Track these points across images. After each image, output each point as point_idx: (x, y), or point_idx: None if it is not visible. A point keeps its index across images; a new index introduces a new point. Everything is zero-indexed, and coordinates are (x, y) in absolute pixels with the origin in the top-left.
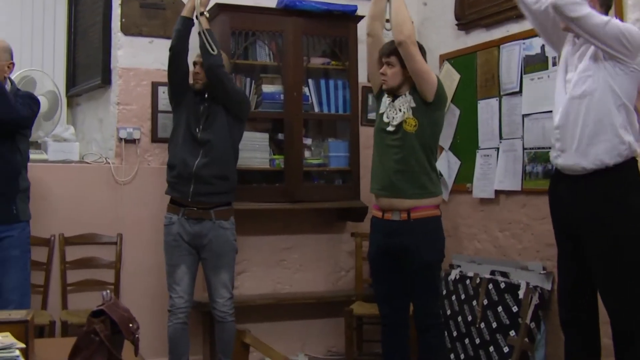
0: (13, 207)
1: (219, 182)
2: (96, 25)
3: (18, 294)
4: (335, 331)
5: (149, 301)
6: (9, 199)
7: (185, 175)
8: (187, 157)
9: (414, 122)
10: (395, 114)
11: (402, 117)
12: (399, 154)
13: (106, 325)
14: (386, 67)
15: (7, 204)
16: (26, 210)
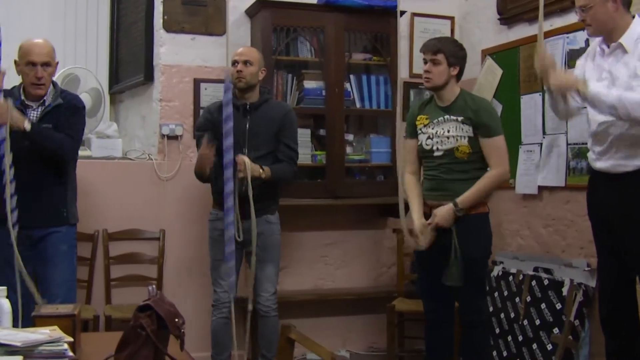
0: (64, 210)
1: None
2: (138, 23)
3: (64, 288)
4: (376, 327)
5: (191, 296)
6: (58, 202)
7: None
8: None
9: (468, 149)
10: (445, 138)
11: (454, 144)
12: (447, 173)
13: (152, 320)
14: (431, 64)
15: (58, 206)
16: (75, 213)
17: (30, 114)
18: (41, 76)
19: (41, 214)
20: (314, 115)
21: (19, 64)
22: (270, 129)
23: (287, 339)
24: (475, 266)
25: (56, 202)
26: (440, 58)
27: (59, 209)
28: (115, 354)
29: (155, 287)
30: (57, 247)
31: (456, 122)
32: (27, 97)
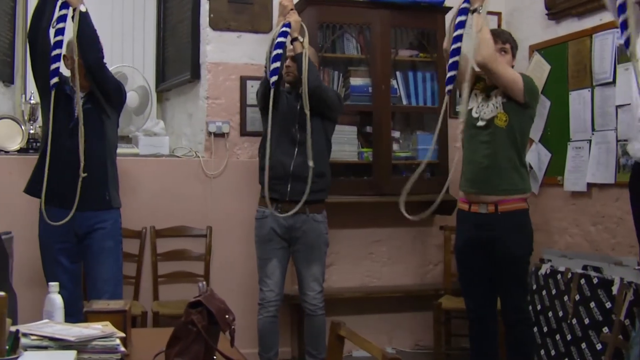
0: (106, 193)
1: (316, 179)
2: (185, 21)
3: (111, 284)
4: (423, 325)
5: (238, 293)
6: (100, 185)
7: (283, 175)
8: (283, 157)
9: (505, 117)
10: (487, 108)
11: (494, 112)
12: (488, 149)
13: (203, 316)
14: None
15: (100, 189)
16: (117, 197)
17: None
18: None
19: (83, 196)
20: (360, 113)
21: (68, 58)
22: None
23: (336, 336)
24: (517, 264)
25: (98, 185)
26: (508, 48)
27: (101, 192)
28: (166, 350)
29: (206, 284)
30: (103, 244)
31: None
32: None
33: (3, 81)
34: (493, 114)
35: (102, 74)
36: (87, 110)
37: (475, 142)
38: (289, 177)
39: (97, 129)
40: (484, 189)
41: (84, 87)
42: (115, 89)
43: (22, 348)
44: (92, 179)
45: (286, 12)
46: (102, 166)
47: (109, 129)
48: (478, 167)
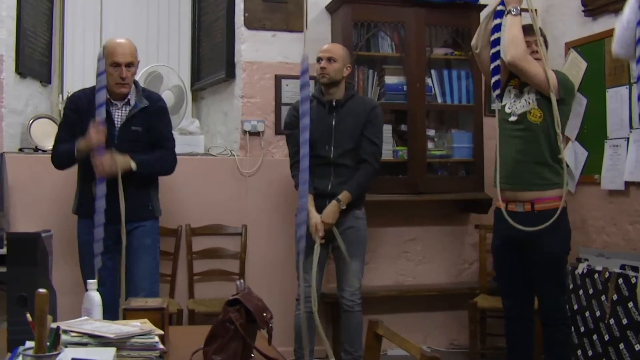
0: (150, 204)
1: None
2: (220, 21)
3: (148, 282)
4: (458, 324)
5: (273, 291)
6: (144, 197)
7: (320, 195)
8: (319, 181)
9: (539, 113)
10: (520, 103)
11: (527, 107)
12: (521, 144)
13: (241, 314)
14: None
15: (144, 201)
16: (159, 206)
17: (115, 113)
18: (125, 76)
19: (130, 209)
20: (395, 111)
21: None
22: (357, 125)
23: (374, 335)
24: (555, 262)
25: (143, 196)
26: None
27: (146, 203)
28: (204, 347)
29: (244, 282)
30: (141, 241)
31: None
32: (111, 95)
33: (40, 81)
34: (525, 109)
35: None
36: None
37: (508, 138)
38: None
39: (141, 142)
40: (518, 185)
41: (120, 97)
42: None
43: (63, 344)
44: (136, 193)
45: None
46: (147, 180)
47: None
48: (511, 162)
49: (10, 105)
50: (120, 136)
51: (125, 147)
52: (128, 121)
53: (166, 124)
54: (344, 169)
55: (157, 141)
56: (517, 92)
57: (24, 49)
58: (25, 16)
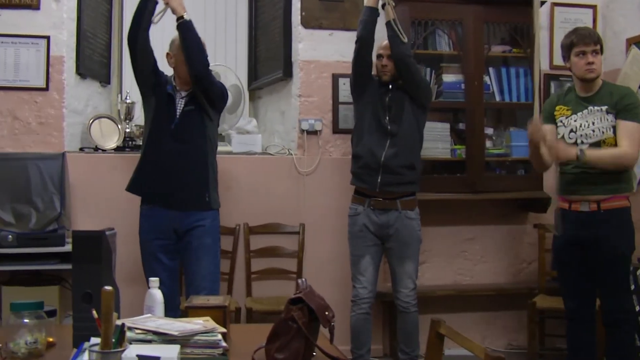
0: (206, 194)
1: (407, 171)
2: (277, 20)
3: (209, 280)
4: (516, 324)
5: (331, 290)
6: (201, 186)
7: (373, 165)
8: (375, 147)
9: (614, 140)
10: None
11: (601, 137)
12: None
13: (304, 312)
14: (591, 55)
15: (201, 191)
16: (217, 198)
17: (179, 100)
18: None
19: (185, 197)
20: (453, 109)
21: (171, 56)
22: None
23: (436, 334)
24: (619, 262)
25: (198, 186)
26: (598, 48)
27: (202, 193)
28: (266, 346)
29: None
30: (202, 241)
31: (600, 112)
32: (179, 86)
33: (100, 81)
34: (599, 138)
35: (207, 81)
36: (189, 111)
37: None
38: (380, 168)
39: (199, 130)
40: (586, 190)
41: (186, 87)
42: (220, 95)
43: (128, 341)
44: (193, 180)
45: None
46: (203, 167)
47: (210, 130)
48: (574, 173)
49: (71, 106)
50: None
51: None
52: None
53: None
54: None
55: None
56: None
57: (84, 50)
58: (85, 18)
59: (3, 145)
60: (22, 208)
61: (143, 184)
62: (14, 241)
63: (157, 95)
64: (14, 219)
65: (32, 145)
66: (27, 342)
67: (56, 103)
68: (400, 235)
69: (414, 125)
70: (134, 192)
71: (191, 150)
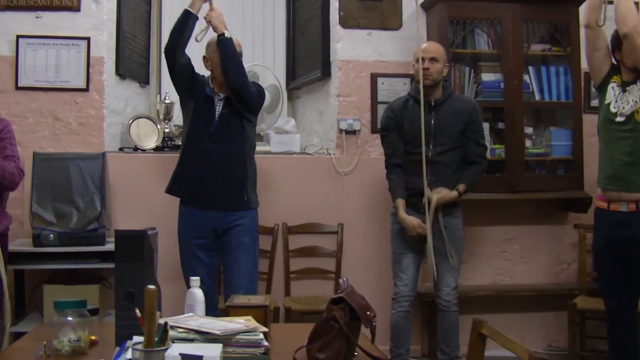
0: (244, 194)
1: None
2: (315, 20)
3: (247, 279)
4: (556, 325)
5: (369, 290)
6: (239, 186)
7: (416, 194)
8: (414, 177)
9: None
10: (627, 103)
11: (634, 107)
12: (629, 145)
13: (345, 312)
14: None
15: (239, 190)
16: (255, 198)
17: (217, 102)
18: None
19: (223, 198)
20: (492, 109)
21: (208, 59)
22: (456, 125)
23: (478, 335)
24: None
25: (236, 186)
26: None
27: (240, 193)
28: (307, 345)
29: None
30: (240, 240)
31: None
32: (217, 89)
33: (139, 82)
34: (633, 109)
35: (245, 94)
36: (228, 113)
37: (614, 138)
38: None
39: (237, 131)
40: (625, 187)
41: (223, 89)
42: (257, 101)
43: (170, 340)
44: (231, 181)
45: None
46: (242, 167)
47: (249, 130)
48: (618, 163)
49: (111, 106)
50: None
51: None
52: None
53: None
54: (441, 166)
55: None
56: (620, 90)
57: (124, 51)
58: (125, 19)
59: (44, 146)
60: (63, 207)
61: (182, 186)
62: (55, 240)
63: (195, 98)
64: (55, 219)
65: (72, 145)
66: (71, 340)
67: (96, 103)
68: (443, 233)
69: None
70: (174, 194)
71: (230, 151)
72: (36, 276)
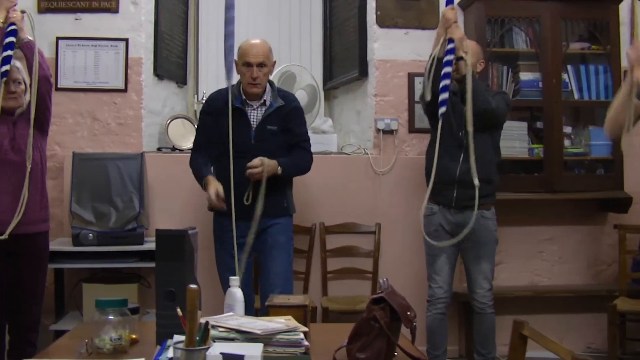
0: (284, 200)
1: (483, 185)
2: (351, 19)
3: (282, 278)
4: (595, 327)
5: (407, 290)
6: (280, 194)
7: (448, 180)
8: (448, 162)
9: None
10: None
11: None
12: None
13: (386, 312)
14: None
15: (279, 198)
16: (293, 204)
17: (251, 113)
18: (256, 76)
19: (265, 207)
20: (530, 108)
21: (237, 63)
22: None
23: (519, 336)
24: None
25: (278, 194)
26: None
27: (281, 201)
28: (348, 345)
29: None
30: (276, 239)
31: None
32: (246, 96)
33: (177, 82)
34: None
35: None
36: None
37: None
38: (455, 183)
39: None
40: None
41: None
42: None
43: (211, 339)
44: (272, 191)
45: (448, 26)
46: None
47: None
48: None
49: (149, 107)
50: (257, 136)
51: (261, 146)
52: (264, 121)
53: (302, 124)
54: None
55: (295, 142)
56: None
57: (161, 51)
58: (163, 20)
59: (83, 146)
60: (102, 207)
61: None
62: (94, 240)
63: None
64: (94, 218)
65: (111, 145)
66: (112, 339)
67: (134, 104)
68: (476, 235)
69: (487, 139)
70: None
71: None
72: (75, 275)
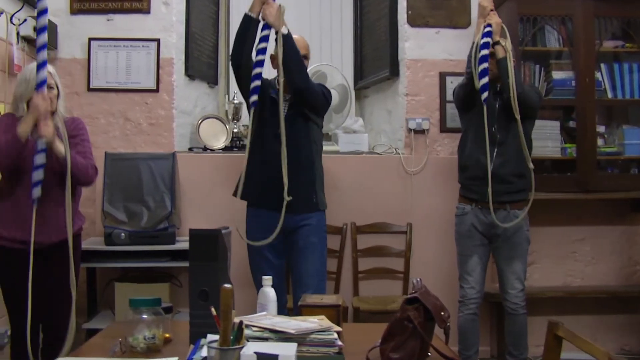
0: (313, 196)
1: (517, 180)
2: (382, 19)
3: (316, 279)
4: (629, 328)
5: (438, 290)
6: (309, 189)
7: (482, 175)
8: (482, 156)
9: None
10: None
11: None
12: None
13: (419, 312)
14: None
15: (308, 193)
16: (323, 199)
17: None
18: None
19: (293, 200)
20: (563, 107)
21: (274, 57)
22: None
23: (554, 336)
24: None
25: (306, 188)
26: None
27: (309, 196)
28: (381, 345)
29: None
30: (308, 239)
31: None
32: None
33: (208, 82)
34: None
35: (309, 93)
36: (292, 115)
37: None
38: (488, 179)
39: (303, 133)
40: None
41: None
42: (323, 104)
43: (245, 339)
44: (300, 183)
45: (486, 14)
46: (310, 169)
47: (315, 132)
48: None
49: (181, 107)
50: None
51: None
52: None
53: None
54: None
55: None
56: None
57: (193, 52)
58: (194, 20)
59: (115, 146)
60: (134, 207)
61: (250, 190)
62: (126, 239)
63: (262, 101)
64: (126, 218)
65: (142, 145)
66: (146, 337)
67: (166, 104)
68: (507, 235)
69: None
70: (243, 198)
71: (297, 154)
72: (107, 274)
